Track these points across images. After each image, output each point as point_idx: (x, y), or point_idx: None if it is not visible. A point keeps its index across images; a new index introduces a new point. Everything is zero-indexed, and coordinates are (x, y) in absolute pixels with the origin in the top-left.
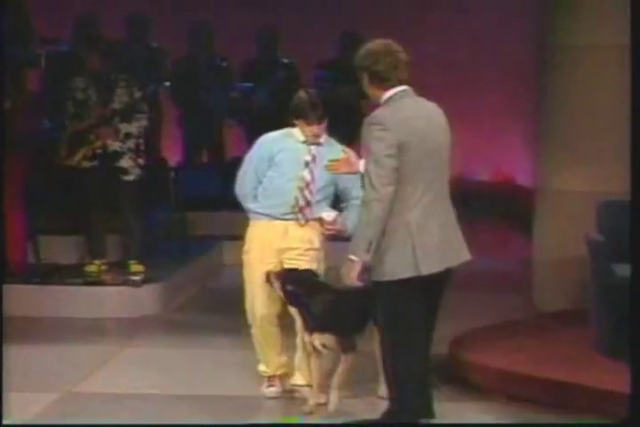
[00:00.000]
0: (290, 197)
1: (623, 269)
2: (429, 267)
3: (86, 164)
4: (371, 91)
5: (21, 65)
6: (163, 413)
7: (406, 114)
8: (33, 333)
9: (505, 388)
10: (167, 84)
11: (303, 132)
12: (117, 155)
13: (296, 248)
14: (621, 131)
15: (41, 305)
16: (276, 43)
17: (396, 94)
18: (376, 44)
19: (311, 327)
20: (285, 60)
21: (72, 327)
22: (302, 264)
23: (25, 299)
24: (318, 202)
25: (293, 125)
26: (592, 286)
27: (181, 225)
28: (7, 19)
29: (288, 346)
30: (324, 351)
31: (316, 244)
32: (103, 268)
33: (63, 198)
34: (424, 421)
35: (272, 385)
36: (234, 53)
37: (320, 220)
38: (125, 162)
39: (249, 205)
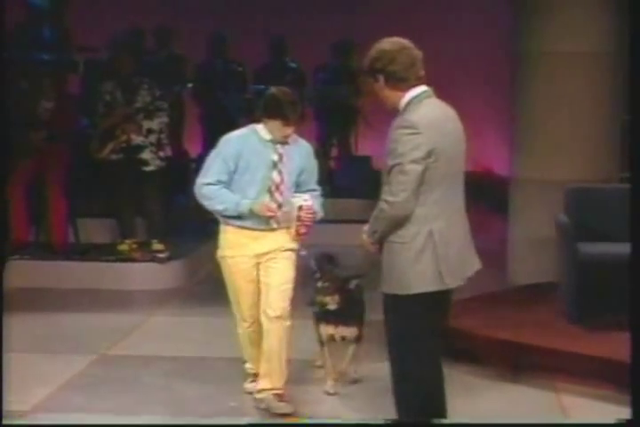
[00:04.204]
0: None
1: (587, 247)
2: (454, 280)
3: (114, 156)
4: (387, 94)
5: (62, 71)
6: (190, 372)
7: (436, 116)
8: (72, 303)
9: (486, 351)
10: (189, 85)
11: (275, 131)
12: (140, 148)
13: (274, 250)
14: (592, 124)
15: (79, 279)
16: (284, 49)
17: (419, 95)
18: (386, 42)
19: (340, 321)
20: (293, 65)
21: (106, 298)
22: (282, 264)
23: (66, 274)
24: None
25: (258, 122)
26: (560, 262)
27: (201, 209)
28: (51, 30)
29: None
30: (337, 342)
31: (290, 244)
32: (133, 246)
33: (97, 187)
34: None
35: (255, 381)
36: (248, 58)
37: (299, 208)
38: (146, 154)
39: (217, 207)
